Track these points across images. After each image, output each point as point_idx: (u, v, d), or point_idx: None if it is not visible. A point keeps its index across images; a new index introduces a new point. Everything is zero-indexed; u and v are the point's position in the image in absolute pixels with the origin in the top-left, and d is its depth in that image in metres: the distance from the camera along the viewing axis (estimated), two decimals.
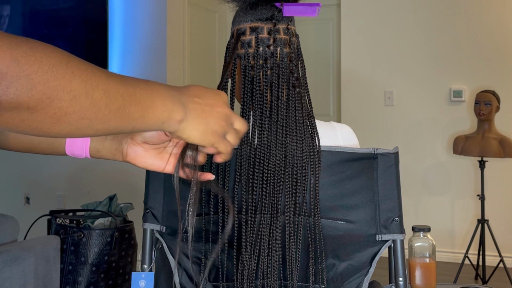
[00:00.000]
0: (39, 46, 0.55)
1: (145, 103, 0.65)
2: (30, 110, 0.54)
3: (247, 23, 1.19)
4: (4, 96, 0.52)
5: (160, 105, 0.67)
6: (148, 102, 0.66)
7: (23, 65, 0.52)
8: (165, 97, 0.68)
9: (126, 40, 3.88)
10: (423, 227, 1.42)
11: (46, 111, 0.55)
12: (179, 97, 0.71)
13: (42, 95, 0.54)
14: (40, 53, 0.54)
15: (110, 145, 0.88)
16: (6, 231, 2.25)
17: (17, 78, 0.52)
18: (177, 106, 0.69)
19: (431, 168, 4.05)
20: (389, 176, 1.16)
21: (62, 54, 0.57)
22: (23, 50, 0.53)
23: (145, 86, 0.67)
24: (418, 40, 4.05)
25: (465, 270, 3.50)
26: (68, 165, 4.02)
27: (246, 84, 1.16)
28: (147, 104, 0.66)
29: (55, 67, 0.55)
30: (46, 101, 0.54)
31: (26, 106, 0.54)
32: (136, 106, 0.64)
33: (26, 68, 0.52)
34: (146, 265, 1.23)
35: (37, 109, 0.55)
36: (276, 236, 1.11)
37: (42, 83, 0.54)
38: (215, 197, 1.15)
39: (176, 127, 0.70)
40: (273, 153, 1.12)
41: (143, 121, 0.66)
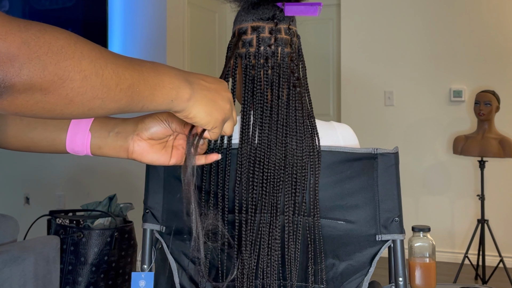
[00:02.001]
0: (47, 28, 0.55)
1: (153, 81, 0.67)
2: (43, 92, 0.55)
3: (248, 22, 1.20)
4: (18, 78, 0.52)
5: (167, 83, 0.68)
6: (156, 81, 0.67)
7: (33, 46, 0.53)
8: (172, 75, 0.70)
9: (126, 40, 3.88)
10: (423, 227, 1.41)
11: (59, 92, 0.56)
12: (185, 76, 0.72)
13: (54, 75, 0.54)
14: (48, 35, 0.55)
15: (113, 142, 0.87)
16: (6, 231, 2.25)
17: (28, 59, 0.52)
18: (184, 84, 0.71)
19: (431, 168, 4.05)
20: (389, 176, 1.16)
21: (69, 35, 0.58)
22: (32, 32, 0.53)
23: (151, 66, 0.68)
24: (418, 40, 4.05)
25: (465, 270, 3.50)
26: (68, 165, 4.02)
27: (247, 84, 1.17)
28: (155, 82, 0.67)
29: (64, 48, 0.56)
30: (58, 81, 0.55)
31: (39, 88, 0.54)
32: (145, 84, 0.65)
33: (37, 50, 0.53)
34: (146, 265, 1.23)
35: (50, 90, 0.55)
36: (275, 235, 1.11)
37: (53, 64, 0.54)
38: (214, 197, 1.15)
39: (184, 105, 0.71)
40: (273, 153, 1.12)
41: (153, 99, 0.67)
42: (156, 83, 0.67)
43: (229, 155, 1.14)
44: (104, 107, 0.61)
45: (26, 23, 0.54)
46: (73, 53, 0.56)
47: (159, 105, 0.68)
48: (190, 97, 0.71)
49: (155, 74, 0.67)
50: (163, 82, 0.68)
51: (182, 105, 0.71)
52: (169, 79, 0.69)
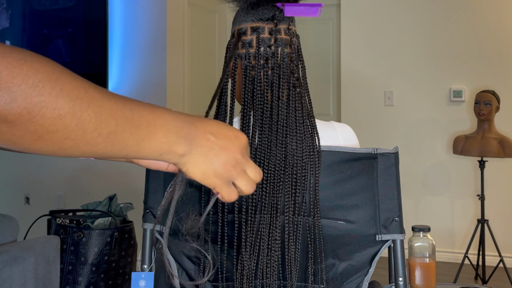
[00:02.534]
0: (29, 58, 0.52)
1: (142, 132, 0.61)
2: (9, 124, 0.52)
3: (248, 23, 1.19)
4: None
5: (160, 137, 0.63)
6: (145, 131, 0.61)
7: (5, 76, 0.50)
8: (169, 129, 0.64)
9: (126, 40, 3.88)
10: (423, 227, 1.42)
11: (26, 126, 0.52)
12: (189, 130, 0.65)
13: (22, 109, 0.51)
14: (27, 66, 0.52)
15: None
16: (6, 231, 2.25)
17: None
18: (181, 140, 0.64)
19: (431, 168, 4.05)
20: (389, 176, 1.16)
21: (53, 69, 0.54)
22: (9, 61, 0.51)
23: (148, 114, 0.62)
24: (418, 40, 4.05)
25: (465, 270, 3.50)
26: (68, 165, 4.02)
27: (247, 84, 1.16)
28: (144, 133, 0.61)
29: (42, 82, 0.52)
30: (27, 116, 0.52)
31: (4, 119, 0.51)
32: (131, 133, 0.60)
33: (8, 80, 0.50)
34: (146, 265, 1.23)
35: (17, 124, 0.52)
36: (275, 236, 1.11)
37: (24, 98, 0.51)
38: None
39: (177, 160, 0.66)
40: (273, 153, 1.12)
41: (138, 150, 0.62)
42: (145, 134, 0.61)
43: None
44: (78, 149, 0.57)
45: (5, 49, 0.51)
46: (50, 89, 0.53)
47: (146, 156, 0.63)
48: (185, 154, 0.65)
49: (148, 124, 0.61)
50: (154, 134, 0.62)
51: (174, 160, 0.65)
52: (163, 132, 0.63)
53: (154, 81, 3.80)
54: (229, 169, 0.68)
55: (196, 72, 4.31)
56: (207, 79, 4.45)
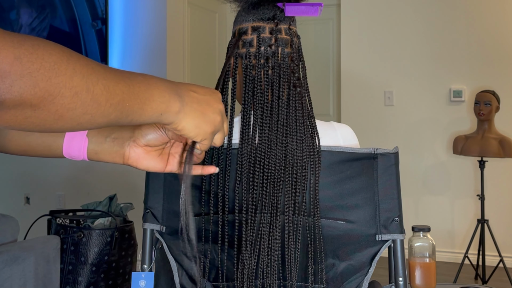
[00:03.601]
0: (41, 44, 0.55)
1: (143, 95, 0.66)
2: (33, 108, 0.54)
3: (249, 22, 1.20)
4: (8, 95, 0.52)
5: (157, 97, 0.68)
6: (146, 95, 0.67)
7: (25, 63, 0.52)
8: (162, 89, 0.69)
9: (126, 41, 3.88)
10: (423, 227, 1.42)
11: (49, 108, 0.55)
12: (176, 89, 0.72)
13: (44, 92, 0.54)
14: (41, 50, 0.54)
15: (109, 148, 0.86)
16: (6, 231, 2.26)
17: (20, 76, 0.52)
18: (174, 98, 0.70)
19: (431, 168, 4.05)
20: (389, 176, 1.16)
21: (63, 50, 0.57)
22: (25, 48, 0.53)
23: (142, 79, 0.67)
24: (418, 40, 4.05)
25: (465, 270, 3.50)
26: (68, 165, 4.02)
27: (247, 84, 1.17)
28: (145, 96, 0.67)
29: (57, 64, 0.55)
30: (49, 98, 0.55)
31: (29, 104, 0.54)
32: (135, 99, 0.65)
33: (29, 66, 0.52)
34: (146, 265, 1.23)
35: (40, 107, 0.55)
36: (275, 235, 1.11)
37: (45, 81, 0.54)
38: (215, 197, 1.15)
39: (173, 118, 0.71)
40: (274, 153, 1.12)
41: (142, 113, 0.67)
42: (146, 97, 0.67)
43: (229, 155, 1.15)
44: (94, 122, 0.61)
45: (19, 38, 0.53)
46: (65, 69, 0.56)
47: (148, 119, 0.68)
48: (180, 110, 0.71)
49: (146, 88, 0.67)
50: (153, 96, 0.68)
51: (171, 118, 0.71)
52: (159, 92, 0.69)
53: None
54: (218, 120, 0.75)
55: (196, 72, 4.32)
56: (207, 79, 4.45)
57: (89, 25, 3.89)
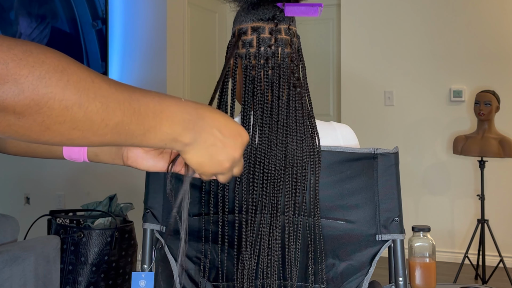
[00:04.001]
0: (34, 50, 0.52)
1: (148, 123, 0.61)
2: (17, 115, 0.52)
3: (248, 23, 1.20)
4: None
5: (166, 128, 0.63)
6: (152, 122, 0.62)
7: (11, 68, 0.50)
8: (176, 121, 0.64)
9: (126, 41, 3.88)
10: (423, 227, 1.42)
11: (34, 117, 0.53)
12: (196, 122, 0.66)
13: (30, 101, 0.51)
14: (33, 57, 0.52)
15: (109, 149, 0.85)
16: (6, 231, 2.26)
17: (4, 81, 0.50)
18: (186, 132, 0.65)
19: (431, 168, 4.05)
20: (389, 176, 1.16)
21: (59, 60, 0.54)
22: (14, 53, 0.51)
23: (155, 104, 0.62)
24: (418, 40, 4.05)
25: (465, 270, 3.50)
26: (68, 165, 4.02)
27: (247, 84, 1.17)
28: (150, 124, 0.62)
29: (48, 74, 0.52)
30: (34, 107, 0.52)
31: (12, 110, 0.51)
32: (137, 124, 0.60)
33: (15, 72, 0.50)
34: (146, 265, 1.23)
35: (25, 115, 0.52)
36: (276, 236, 1.11)
37: (31, 89, 0.51)
38: (215, 197, 1.15)
39: (180, 148, 0.67)
40: (274, 153, 1.12)
41: (143, 140, 0.63)
42: (152, 126, 0.62)
43: None
44: (85, 139, 0.58)
45: (11, 42, 0.51)
46: (57, 81, 0.53)
47: (150, 145, 0.64)
48: (189, 144, 0.67)
49: (154, 116, 0.62)
50: (160, 125, 0.62)
51: (178, 148, 0.67)
52: (169, 125, 0.63)
53: (154, 81, 3.80)
54: (224, 166, 0.71)
55: (196, 72, 4.31)
56: (207, 79, 4.45)
57: (89, 25, 3.89)
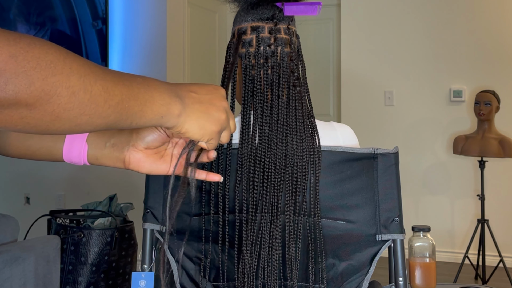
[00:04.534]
0: (37, 42, 0.54)
1: (143, 97, 0.65)
2: (29, 107, 0.53)
3: (248, 22, 1.20)
4: (3, 93, 0.51)
5: (158, 99, 0.67)
6: (146, 96, 0.65)
7: (21, 61, 0.51)
8: (162, 91, 0.68)
9: (126, 41, 3.88)
10: (423, 227, 1.42)
11: (45, 107, 0.54)
12: (176, 90, 0.70)
13: (40, 91, 0.53)
14: (38, 49, 0.53)
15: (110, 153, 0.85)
16: (6, 231, 2.26)
17: (15, 74, 0.51)
18: (174, 100, 0.69)
19: (431, 168, 4.05)
20: (389, 176, 1.16)
21: (59, 50, 0.56)
22: (21, 46, 0.52)
23: (141, 81, 0.66)
24: (418, 40, 4.05)
25: (465, 270, 3.50)
26: (68, 165, 4.02)
27: (247, 84, 1.17)
28: (145, 98, 0.65)
29: (53, 63, 0.54)
30: (45, 97, 0.54)
31: (25, 103, 0.53)
32: (134, 100, 0.64)
33: (24, 64, 0.52)
34: (146, 265, 1.23)
35: (36, 106, 0.54)
36: (276, 235, 1.11)
37: (41, 79, 0.53)
38: (215, 197, 1.15)
39: (175, 122, 0.69)
40: (274, 152, 1.12)
41: (142, 115, 0.65)
42: (146, 99, 0.65)
43: (229, 155, 1.15)
44: (92, 123, 0.60)
45: (15, 36, 0.52)
46: (62, 69, 0.55)
47: (148, 121, 0.67)
48: (181, 113, 0.69)
49: (145, 90, 0.65)
50: (153, 98, 0.66)
51: (173, 121, 0.69)
52: (159, 94, 0.67)
53: None
54: (223, 118, 0.73)
55: (196, 72, 4.32)
56: (207, 79, 4.45)
57: (90, 25, 3.89)
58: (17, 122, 0.55)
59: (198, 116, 0.71)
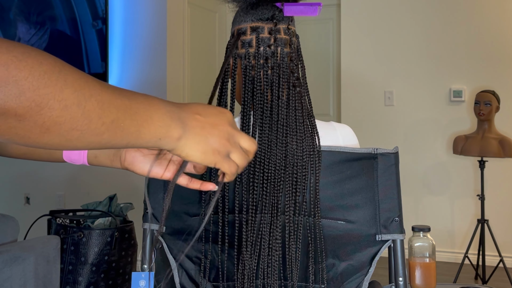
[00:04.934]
0: (31, 52, 0.53)
1: (141, 117, 0.62)
2: (18, 118, 0.52)
3: (247, 23, 1.19)
4: None
5: (157, 120, 0.64)
6: (144, 116, 0.63)
7: (12, 70, 0.50)
8: (163, 112, 0.65)
9: (126, 41, 3.88)
10: (423, 227, 1.42)
11: (35, 119, 0.53)
12: (178, 113, 0.67)
13: (31, 102, 0.52)
14: (31, 59, 0.52)
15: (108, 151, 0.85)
16: (6, 231, 2.25)
17: (5, 83, 0.50)
18: (175, 123, 0.66)
19: (431, 168, 4.05)
20: (389, 176, 1.16)
21: (55, 61, 0.55)
22: (14, 55, 0.51)
23: (142, 100, 0.64)
24: (418, 40, 4.05)
25: (465, 270, 3.50)
26: (68, 165, 4.02)
27: (246, 84, 1.16)
28: (143, 118, 0.63)
29: (47, 74, 0.53)
30: (35, 108, 0.52)
31: (13, 113, 0.52)
32: (131, 120, 0.61)
33: (16, 74, 0.50)
34: (146, 265, 1.23)
35: (26, 117, 0.52)
36: (276, 235, 1.11)
37: (32, 90, 0.51)
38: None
39: (174, 145, 0.67)
40: (274, 153, 1.12)
41: (139, 136, 0.63)
42: (144, 119, 0.63)
43: None
44: (84, 139, 0.58)
45: (9, 44, 0.51)
46: (56, 80, 0.53)
47: (145, 143, 0.64)
48: (181, 137, 0.66)
49: (145, 110, 0.63)
50: (151, 119, 0.63)
51: (172, 145, 0.66)
52: (159, 116, 0.64)
53: (154, 81, 3.80)
54: (225, 143, 0.70)
55: (196, 72, 4.31)
56: (207, 79, 4.45)
57: (90, 24, 3.89)
58: (5, 132, 0.53)
59: (199, 140, 0.68)
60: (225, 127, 0.70)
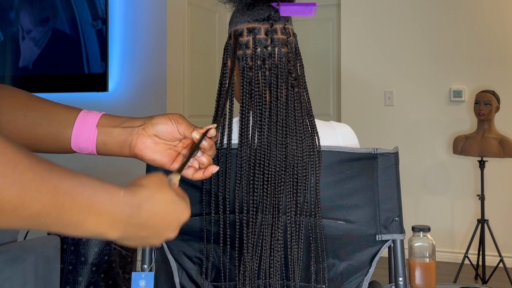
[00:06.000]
0: None
1: (70, 218, 0.58)
2: None
3: (244, 24, 1.19)
4: None
5: (89, 225, 0.59)
6: (74, 218, 0.58)
7: None
8: (104, 220, 0.60)
9: (126, 41, 3.88)
10: (423, 227, 1.42)
11: None
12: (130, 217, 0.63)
13: None
14: None
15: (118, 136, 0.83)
16: (6, 231, 2.25)
17: None
18: (114, 231, 0.62)
19: (431, 168, 4.05)
20: (389, 176, 1.16)
21: None
22: None
23: (85, 198, 0.59)
24: (418, 40, 4.05)
25: (465, 270, 3.50)
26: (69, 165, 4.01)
27: (244, 85, 1.16)
28: (72, 219, 0.58)
29: None
30: None
31: None
32: (56, 218, 0.56)
33: None
34: (146, 265, 1.23)
35: None
36: (277, 236, 1.11)
37: None
38: (215, 197, 1.15)
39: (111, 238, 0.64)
40: (274, 154, 1.12)
41: (61, 231, 0.59)
42: (73, 221, 0.58)
43: (229, 155, 1.14)
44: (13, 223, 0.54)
45: None
46: None
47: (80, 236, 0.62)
48: (118, 239, 0.64)
49: (78, 211, 0.58)
50: (84, 222, 0.58)
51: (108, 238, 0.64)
52: (96, 221, 0.59)
53: (154, 81, 3.80)
54: (159, 243, 0.70)
55: (196, 72, 4.31)
56: (207, 79, 4.45)
57: (89, 24, 3.89)
58: None
59: (140, 242, 0.67)
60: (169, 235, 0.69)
